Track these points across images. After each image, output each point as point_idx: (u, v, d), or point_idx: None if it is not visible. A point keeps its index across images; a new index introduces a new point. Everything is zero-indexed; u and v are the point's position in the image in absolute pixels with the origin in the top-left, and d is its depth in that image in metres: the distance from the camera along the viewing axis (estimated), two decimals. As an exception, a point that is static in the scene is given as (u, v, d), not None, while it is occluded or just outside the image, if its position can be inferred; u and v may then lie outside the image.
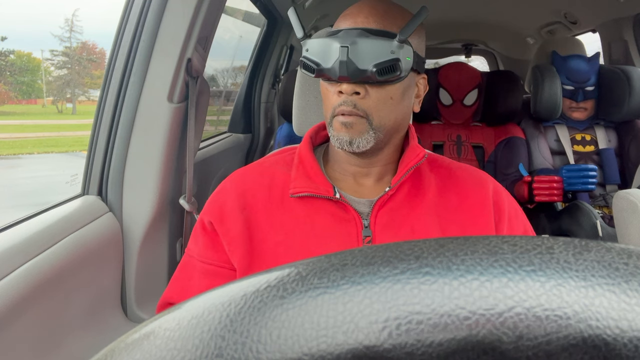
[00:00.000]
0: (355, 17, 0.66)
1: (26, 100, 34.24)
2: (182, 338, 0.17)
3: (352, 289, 0.17)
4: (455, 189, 0.72)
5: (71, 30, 30.89)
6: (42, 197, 7.20)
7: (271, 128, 2.47)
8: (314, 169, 0.71)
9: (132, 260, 1.10)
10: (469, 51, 3.56)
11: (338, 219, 0.67)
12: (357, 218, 0.67)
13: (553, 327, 0.16)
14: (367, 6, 0.66)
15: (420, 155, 0.70)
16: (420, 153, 0.71)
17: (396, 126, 0.69)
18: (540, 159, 1.86)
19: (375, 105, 0.66)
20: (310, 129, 0.78)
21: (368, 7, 0.66)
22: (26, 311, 0.76)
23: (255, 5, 2.00)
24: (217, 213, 0.70)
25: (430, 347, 0.16)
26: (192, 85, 1.15)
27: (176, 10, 1.05)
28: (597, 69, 1.83)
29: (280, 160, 0.76)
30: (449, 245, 0.18)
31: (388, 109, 0.67)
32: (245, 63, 2.38)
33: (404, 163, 0.71)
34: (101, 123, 1.09)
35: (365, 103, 0.65)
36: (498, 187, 0.75)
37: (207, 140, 1.83)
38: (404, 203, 0.69)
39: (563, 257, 0.17)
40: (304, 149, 0.73)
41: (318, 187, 0.68)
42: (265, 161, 0.77)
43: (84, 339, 0.92)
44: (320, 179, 0.69)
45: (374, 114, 0.66)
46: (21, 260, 0.77)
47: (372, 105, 0.66)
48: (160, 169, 1.11)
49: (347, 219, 0.67)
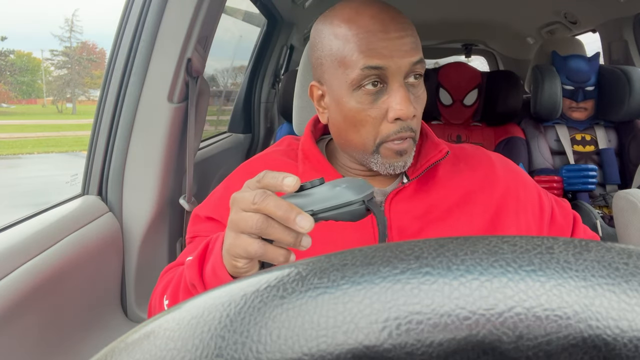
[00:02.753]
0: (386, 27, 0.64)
1: (26, 100, 34.24)
2: (182, 338, 0.17)
3: (352, 289, 0.17)
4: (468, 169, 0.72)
5: (71, 30, 30.90)
6: (42, 197, 7.20)
7: (271, 128, 2.47)
8: (321, 162, 0.70)
9: (132, 260, 1.10)
10: (469, 51, 3.56)
11: None
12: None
13: (553, 327, 0.16)
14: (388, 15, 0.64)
15: (443, 151, 0.70)
16: (443, 149, 0.70)
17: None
18: (540, 159, 1.86)
19: (418, 120, 0.65)
20: (308, 123, 0.77)
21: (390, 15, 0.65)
22: (26, 311, 0.76)
23: (255, 5, 2.00)
24: (223, 210, 0.68)
25: (430, 347, 0.16)
26: (192, 85, 1.15)
27: (176, 10, 1.05)
28: (597, 69, 1.83)
29: (284, 152, 0.75)
30: (449, 245, 0.18)
31: (420, 115, 0.66)
32: (245, 63, 2.38)
33: (424, 158, 0.70)
34: (101, 123, 1.09)
35: (415, 122, 0.65)
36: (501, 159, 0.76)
37: (207, 140, 1.83)
38: (417, 190, 0.69)
39: (563, 257, 0.17)
40: (307, 144, 0.73)
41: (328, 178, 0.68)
42: (270, 154, 0.76)
43: (84, 339, 0.92)
44: (329, 171, 0.69)
45: (417, 129, 0.66)
46: (21, 260, 0.77)
47: (417, 122, 0.65)
48: (160, 169, 1.11)
49: None
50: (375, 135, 0.64)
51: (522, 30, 2.83)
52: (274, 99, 2.46)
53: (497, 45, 3.46)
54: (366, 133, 0.65)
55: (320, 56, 0.67)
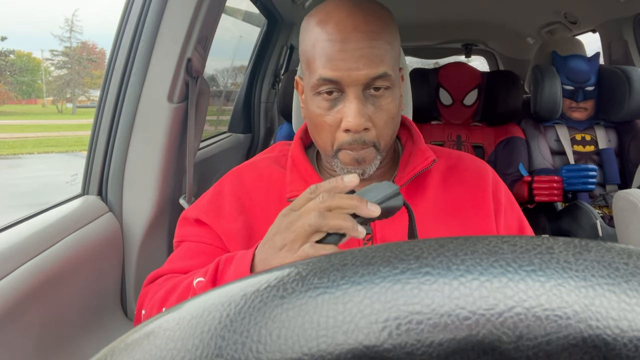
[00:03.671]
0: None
1: (26, 100, 34.24)
2: (182, 338, 0.17)
3: (352, 289, 0.17)
4: (457, 181, 0.71)
5: (71, 30, 30.90)
6: (42, 197, 7.20)
7: (271, 128, 2.47)
8: (309, 171, 0.70)
9: (132, 260, 1.10)
10: (469, 51, 3.56)
11: None
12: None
13: (553, 327, 0.16)
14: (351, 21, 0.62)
15: (429, 160, 0.69)
16: (429, 157, 0.69)
17: (394, 136, 0.68)
18: (540, 159, 1.86)
19: (381, 131, 0.64)
20: (299, 129, 0.76)
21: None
22: (26, 311, 0.76)
23: (255, 5, 2.00)
24: (213, 215, 0.69)
25: (430, 347, 0.16)
26: (192, 85, 1.15)
27: (176, 10, 1.05)
28: (597, 69, 1.82)
29: (273, 160, 0.75)
30: (449, 245, 0.18)
31: (390, 127, 0.65)
32: (245, 63, 2.38)
33: (410, 166, 0.69)
34: (101, 123, 1.09)
35: (372, 134, 0.63)
36: (496, 177, 0.75)
37: (207, 140, 1.82)
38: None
39: (563, 257, 0.17)
40: (296, 151, 0.72)
41: None
42: (260, 161, 0.76)
43: (84, 339, 0.92)
44: (316, 181, 0.68)
45: (381, 140, 0.65)
46: (21, 260, 0.77)
47: (378, 133, 0.64)
48: (160, 168, 1.11)
49: None
50: (332, 140, 0.64)
51: (522, 30, 2.83)
52: (274, 99, 2.46)
53: (497, 45, 3.46)
54: (325, 137, 0.65)
55: (301, 52, 0.67)
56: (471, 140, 1.97)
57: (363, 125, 0.61)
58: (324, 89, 0.62)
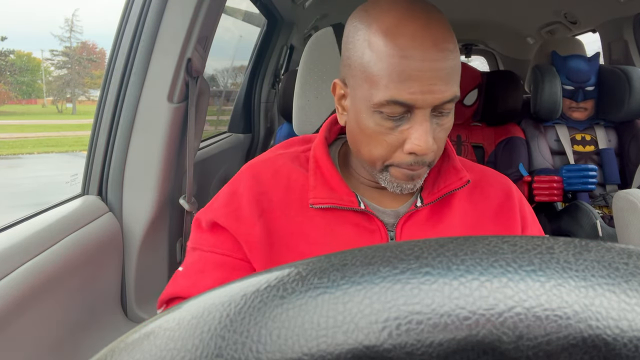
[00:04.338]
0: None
1: (26, 100, 34.25)
2: (182, 338, 0.17)
3: (352, 289, 0.17)
4: (482, 197, 0.69)
5: (71, 30, 30.91)
6: (42, 197, 7.20)
7: (271, 128, 2.47)
8: (335, 177, 0.65)
9: (132, 260, 1.10)
10: (469, 51, 3.56)
11: (362, 229, 0.63)
12: (382, 228, 0.64)
13: (553, 327, 0.16)
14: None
15: (463, 180, 0.66)
16: (463, 177, 0.66)
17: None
18: (540, 159, 1.86)
19: (439, 150, 0.61)
20: (323, 126, 0.70)
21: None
22: (26, 311, 0.76)
23: (255, 5, 2.00)
24: (232, 218, 0.64)
25: (430, 347, 0.16)
26: (192, 85, 1.15)
27: (176, 10, 1.05)
28: (597, 69, 1.83)
29: (293, 157, 0.69)
30: (449, 245, 0.18)
31: (442, 144, 0.62)
32: (245, 63, 2.38)
33: (441, 183, 0.66)
34: (101, 123, 1.09)
35: (432, 154, 0.60)
36: (519, 193, 0.72)
37: (207, 140, 1.83)
38: (431, 214, 0.66)
39: (563, 257, 0.17)
40: (319, 153, 0.67)
41: (342, 199, 0.63)
42: (277, 158, 0.69)
43: (84, 339, 0.92)
44: (342, 189, 0.64)
45: (436, 158, 0.61)
46: (21, 260, 0.77)
47: (437, 152, 0.60)
48: (160, 169, 1.11)
49: (371, 230, 0.64)
50: (386, 158, 0.59)
51: (522, 30, 2.83)
52: (274, 99, 2.46)
53: (497, 45, 3.46)
54: (378, 154, 0.59)
55: (350, 57, 0.59)
56: (471, 140, 1.97)
57: (431, 149, 0.57)
58: (390, 110, 0.56)
